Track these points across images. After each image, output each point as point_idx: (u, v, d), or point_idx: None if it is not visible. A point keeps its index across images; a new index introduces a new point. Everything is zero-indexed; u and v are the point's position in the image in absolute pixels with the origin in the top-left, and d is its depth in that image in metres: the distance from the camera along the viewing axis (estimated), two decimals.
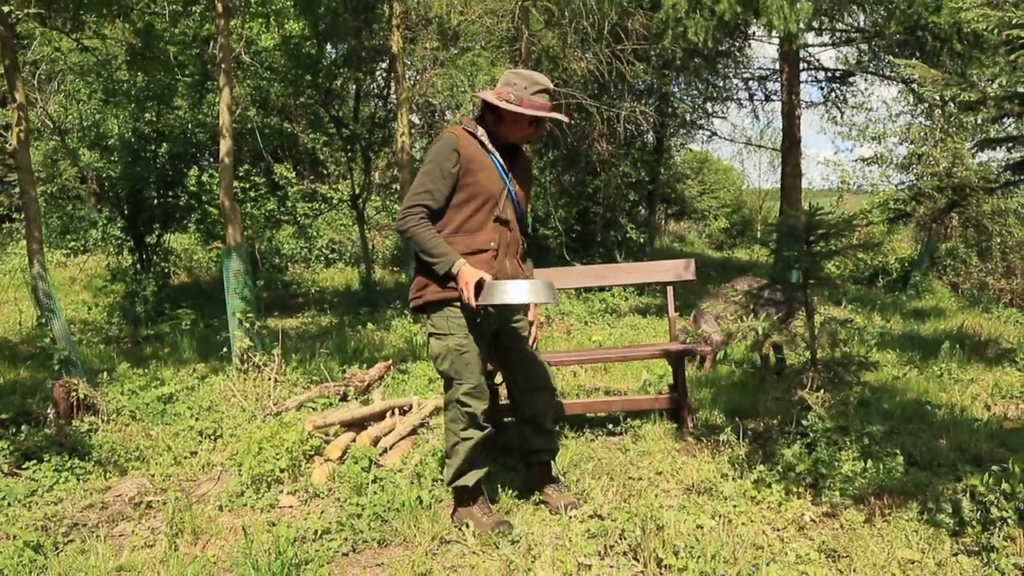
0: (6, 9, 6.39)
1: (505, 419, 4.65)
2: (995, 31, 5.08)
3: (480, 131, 3.49)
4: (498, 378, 4.45)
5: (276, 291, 15.34)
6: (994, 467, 3.48)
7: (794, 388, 4.39)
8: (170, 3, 9.66)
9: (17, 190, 6.91)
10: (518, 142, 3.58)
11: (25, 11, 7.34)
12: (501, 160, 3.50)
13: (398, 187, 13.73)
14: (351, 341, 8.68)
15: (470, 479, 3.52)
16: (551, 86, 3.53)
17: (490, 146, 3.48)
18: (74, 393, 5.53)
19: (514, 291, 3.25)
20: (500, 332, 3.63)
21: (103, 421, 5.51)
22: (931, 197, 12.96)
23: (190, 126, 12.45)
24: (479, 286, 3.28)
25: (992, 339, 7.94)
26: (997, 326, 9.00)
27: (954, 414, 4.95)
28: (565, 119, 3.79)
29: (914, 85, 13.47)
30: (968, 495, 3.42)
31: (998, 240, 13.25)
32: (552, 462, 3.91)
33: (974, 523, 3.17)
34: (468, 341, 3.43)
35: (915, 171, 14.06)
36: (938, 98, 13.05)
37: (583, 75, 11.90)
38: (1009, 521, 3.09)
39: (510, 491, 3.91)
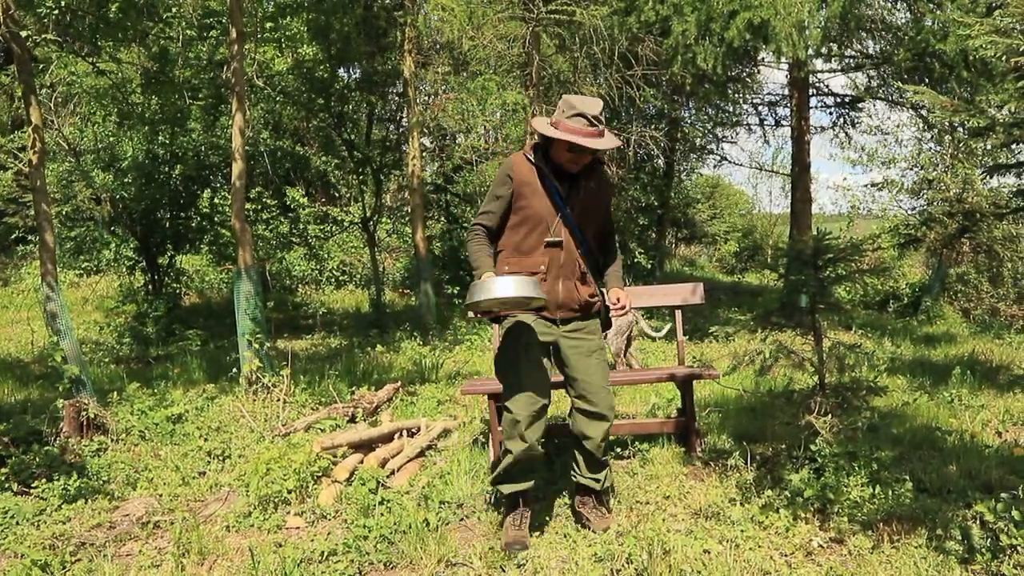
0: (24, 33, 6.49)
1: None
2: (1003, 58, 5.10)
3: (538, 156, 3.55)
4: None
5: (286, 312, 15.39)
6: (1004, 494, 3.47)
7: (802, 413, 4.37)
8: (185, 28, 9.80)
9: (32, 211, 6.98)
10: (567, 166, 3.52)
11: (43, 36, 7.46)
12: (558, 184, 3.52)
13: (409, 210, 13.79)
14: (360, 363, 8.69)
15: (505, 489, 3.59)
16: (591, 110, 3.41)
17: (545, 170, 3.52)
18: (84, 413, 5.57)
19: (485, 289, 3.27)
20: (559, 345, 3.62)
21: (112, 441, 5.53)
22: (942, 222, 12.93)
23: (203, 149, 12.56)
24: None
25: (1004, 365, 7.88)
26: (1009, 352, 8.93)
27: (964, 440, 4.92)
28: (594, 146, 3.43)
29: (923, 111, 13.48)
30: (978, 522, 3.40)
31: (1009, 266, 13.18)
32: (595, 484, 3.78)
33: (984, 550, 3.14)
34: (511, 349, 3.54)
35: (925, 196, 14.03)
36: (947, 124, 13.05)
37: None
38: (1019, 549, 3.07)
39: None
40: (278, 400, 6.23)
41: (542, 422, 3.54)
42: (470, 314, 3.45)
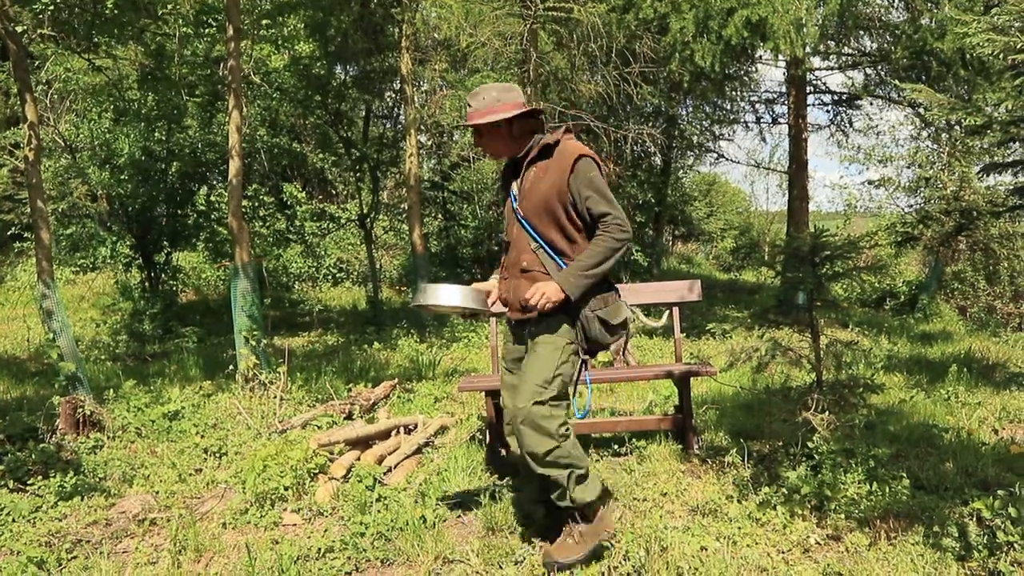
0: (19, 29, 6.47)
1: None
2: (1001, 56, 5.11)
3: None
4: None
5: (283, 309, 15.38)
6: (1001, 491, 3.46)
7: (799, 410, 4.37)
8: (182, 25, 9.77)
9: (28, 208, 6.96)
10: (494, 155, 3.47)
11: (39, 32, 7.44)
12: (514, 181, 3.47)
13: (406, 207, 13.78)
14: (357, 360, 8.68)
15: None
16: (468, 98, 3.36)
17: (510, 170, 3.50)
18: (80, 410, 5.55)
19: (427, 293, 3.31)
20: None
21: (108, 438, 5.52)
22: (938, 220, 12.96)
23: (200, 146, 12.54)
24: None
25: (1000, 363, 7.89)
26: (1005, 350, 8.95)
27: (961, 438, 4.92)
28: (463, 124, 3.55)
29: (921, 109, 13.49)
30: (975, 519, 3.40)
31: (1006, 264, 13.22)
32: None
33: (980, 547, 3.14)
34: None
35: (922, 194, 14.07)
36: (945, 122, 13.07)
37: (591, 97, 11.94)
38: (1016, 546, 3.07)
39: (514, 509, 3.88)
40: (275, 397, 6.22)
41: None
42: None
